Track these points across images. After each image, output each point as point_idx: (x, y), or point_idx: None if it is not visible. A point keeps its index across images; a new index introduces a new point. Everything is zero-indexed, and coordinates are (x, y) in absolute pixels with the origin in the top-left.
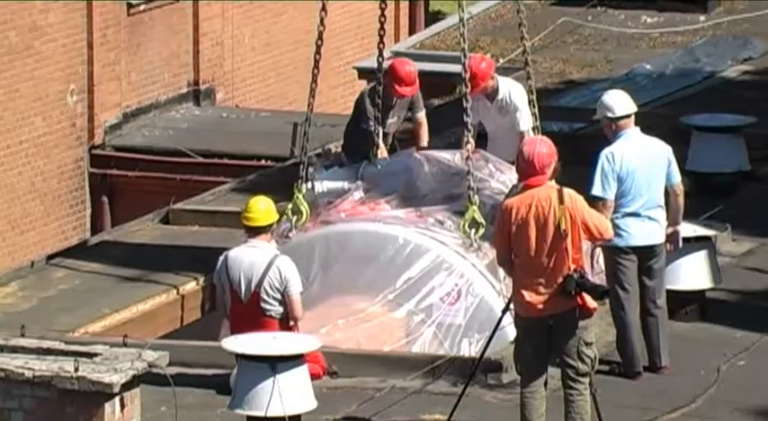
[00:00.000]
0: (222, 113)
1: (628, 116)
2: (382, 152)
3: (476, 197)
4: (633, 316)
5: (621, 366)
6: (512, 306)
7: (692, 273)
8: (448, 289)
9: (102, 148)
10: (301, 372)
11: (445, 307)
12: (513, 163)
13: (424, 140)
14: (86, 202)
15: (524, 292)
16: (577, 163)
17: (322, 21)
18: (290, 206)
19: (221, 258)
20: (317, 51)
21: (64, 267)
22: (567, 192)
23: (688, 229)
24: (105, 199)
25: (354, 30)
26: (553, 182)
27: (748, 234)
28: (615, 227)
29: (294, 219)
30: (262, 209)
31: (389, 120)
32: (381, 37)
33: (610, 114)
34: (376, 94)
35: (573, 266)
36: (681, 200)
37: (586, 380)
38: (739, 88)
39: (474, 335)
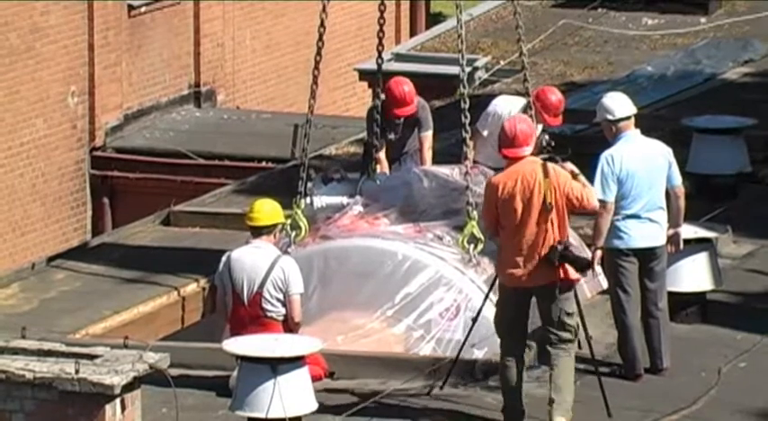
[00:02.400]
0: (223, 115)
1: (628, 118)
2: (382, 166)
3: (474, 212)
4: (634, 318)
5: (622, 368)
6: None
7: (692, 275)
8: (447, 304)
9: (103, 150)
10: (302, 374)
11: (444, 322)
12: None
13: (424, 160)
14: (87, 204)
15: (509, 264)
16: (578, 165)
17: (321, 37)
18: (288, 221)
19: (224, 259)
20: (316, 67)
21: (65, 269)
22: (551, 166)
23: (689, 231)
24: (106, 200)
25: (355, 31)
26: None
27: (749, 236)
28: (616, 229)
29: (293, 234)
30: (264, 209)
31: (391, 136)
32: (380, 53)
33: (610, 117)
34: (375, 110)
35: (557, 238)
36: (682, 201)
37: (569, 345)
38: (740, 90)
39: (473, 351)
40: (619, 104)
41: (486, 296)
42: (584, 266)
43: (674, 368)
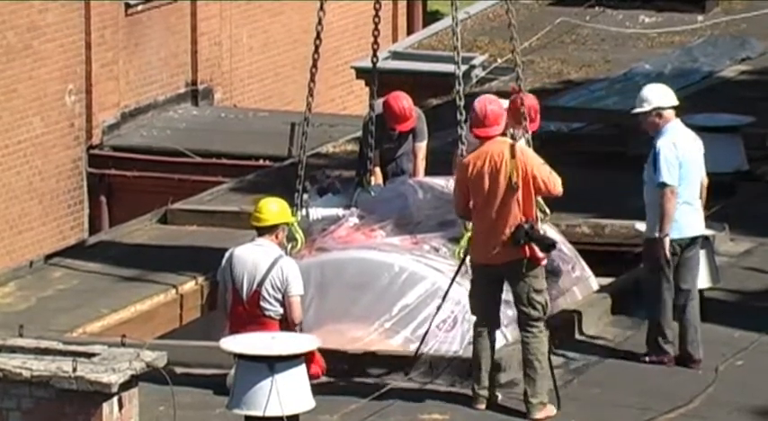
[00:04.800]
0: (220, 113)
1: (674, 106)
2: (377, 178)
3: (470, 224)
4: (671, 308)
5: (651, 354)
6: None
7: None
8: (444, 316)
9: (101, 148)
10: (299, 372)
11: (441, 334)
12: None
13: (417, 171)
14: (84, 202)
15: (477, 242)
16: (576, 164)
17: (317, 49)
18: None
19: (226, 255)
20: (312, 79)
21: (62, 267)
22: (519, 147)
23: None
24: (103, 199)
25: (352, 29)
26: (507, 138)
27: (746, 234)
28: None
29: (289, 246)
30: (269, 209)
31: (387, 145)
32: (374, 64)
33: (664, 104)
34: (370, 121)
35: (523, 218)
36: (705, 191)
37: (540, 324)
38: (737, 88)
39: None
40: (667, 92)
41: (453, 280)
42: (547, 246)
43: (672, 366)
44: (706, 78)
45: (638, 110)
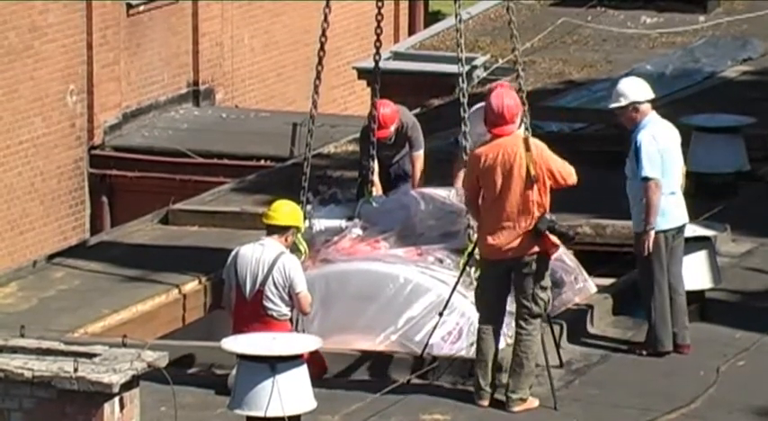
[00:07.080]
0: (222, 114)
1: (651, 100)
2: (377, 189)
3: (474, 235)
4: (667, 298)
5: (647, 347)
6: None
7: (691, 274)
8: (449, 328)
9: (102, 149)
10: (301, 373)
11: (447, 346)
12: None
13: (416, 181)
14: (86, 203)
15: (488, 236)
16: (577, 163)
17: (321, 61)
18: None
19: (232, 253)
20: (316, 91)
21: (63, 267)
22: (533, 140)
23: (688, 230)
24: (105, 199)
25: (354, 30)
26: (521, 131)
27: (748, 234)
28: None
29: None
30: (282, 210)
31: (385, 153)
32: (377, 72)
33: (640, 98)
34: (371, 131)
35: (542, 210)
36: (683, 179)
37: (537, 321)
38: (739, 88)
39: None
40: (641, 86)
41: (453, 290)
42: (570, 239)
43: (672, 367)
44: (707, 79)
45: (614, 105)
